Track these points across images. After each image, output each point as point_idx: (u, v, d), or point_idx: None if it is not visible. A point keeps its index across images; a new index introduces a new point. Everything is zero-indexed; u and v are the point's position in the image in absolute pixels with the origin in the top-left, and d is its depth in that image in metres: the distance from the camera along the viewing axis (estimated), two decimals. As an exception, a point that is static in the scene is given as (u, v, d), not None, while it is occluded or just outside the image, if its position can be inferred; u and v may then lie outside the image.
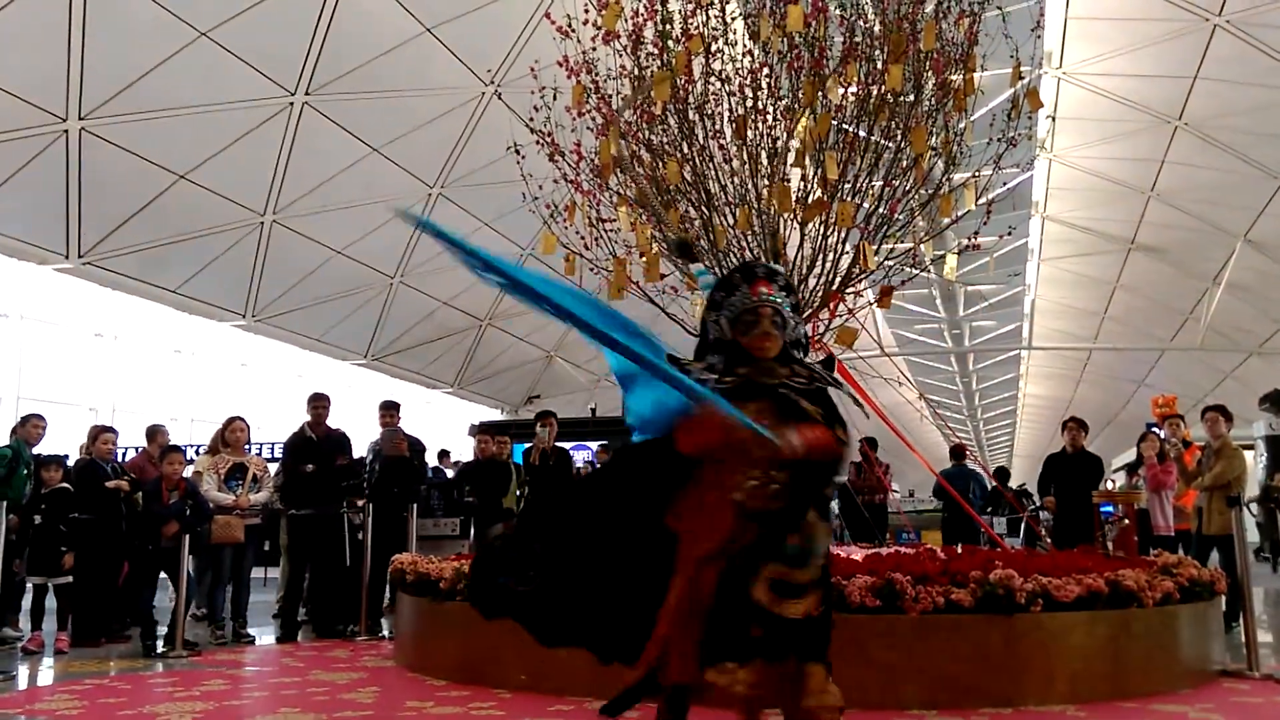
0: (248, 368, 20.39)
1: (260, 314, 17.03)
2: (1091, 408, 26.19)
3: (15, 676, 6.48)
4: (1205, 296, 19.24)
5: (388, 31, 12.57)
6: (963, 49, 7.20)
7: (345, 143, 14.14)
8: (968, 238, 7.73)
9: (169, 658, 7.10)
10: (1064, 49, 14.88)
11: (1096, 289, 22.23)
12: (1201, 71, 13.80)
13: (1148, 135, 15.73)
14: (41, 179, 12.34)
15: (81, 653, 7.53)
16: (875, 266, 7.34)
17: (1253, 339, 20.10)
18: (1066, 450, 9.66)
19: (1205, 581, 5.92)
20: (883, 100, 7.00)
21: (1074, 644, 5.15)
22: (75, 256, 13.60)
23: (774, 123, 7.12)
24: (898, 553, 6.40)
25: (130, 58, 11.55)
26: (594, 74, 7.44)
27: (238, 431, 8.65)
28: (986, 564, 5.34)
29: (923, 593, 5.03)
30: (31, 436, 8.38)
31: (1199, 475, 8.28)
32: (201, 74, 12.03)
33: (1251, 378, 20.42)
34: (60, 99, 11.57)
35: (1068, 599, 5.10)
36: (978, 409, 42.03)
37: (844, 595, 5.03)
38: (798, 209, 7.10)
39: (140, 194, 13.44)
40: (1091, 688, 5.06)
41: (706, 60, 7.18)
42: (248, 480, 8.32)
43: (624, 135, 7.32)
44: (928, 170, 7.26)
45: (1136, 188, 17.39)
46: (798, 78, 7.04)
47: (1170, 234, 18.37)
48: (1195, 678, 5.61)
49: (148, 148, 12.84)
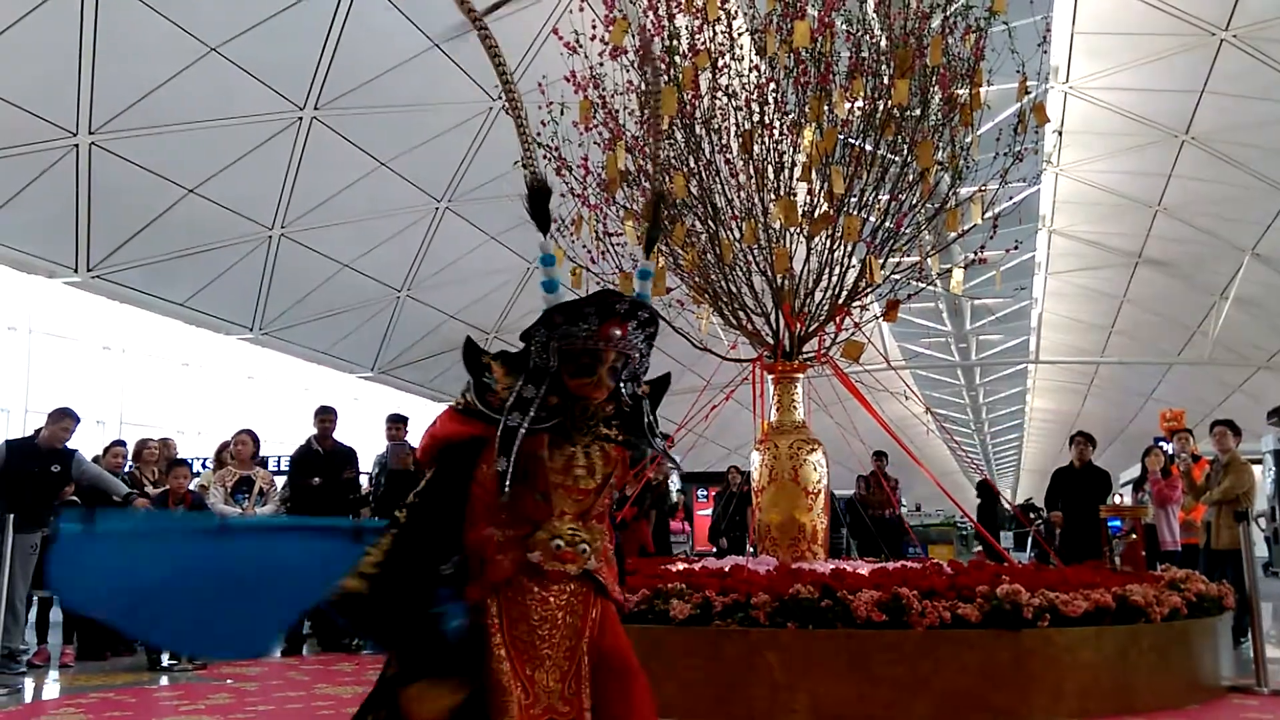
0: (255, 380, 20.43)
1: (268, 327, 17.07)
2: (1099, 422, 26.13)
3: (21, 690, 6.49)
4: (1213, 310, 19.19)
5: (396, 47, 12.63)
6: (969, 64, 7.22)
7: (353, 157, 14.19)
8: (974, 251, 7.72)
9: (174, 671, 7.10)
10: (1070, 64, 14.89)
11: (1104, 303, 22.19)
12: (1208, 86, 13.80)
13: (1155, 150, 15.73)
14: (51, 193, 12.40)
15: (86, 666, 7.54)
16: (881, 280, 7.35)
17: (1261, 353, 20.04)
18: (1074, 465, 9.63)
19: (1213, 596, 5.91)
20: (889, 115, 7.02)
21: (1082, 659, 5.13)
22: (84, 270, 13.65)
23: (780, 137, 7.15)
24: (904, 567, 6.38)
25: (140, 72, 11.61)
26: (601, 89, 7.48)
27: (244, 445, 8.66)
28: (994, 579, 5.33)
29: (929, 607, 5.02)
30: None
31: (1207, 490, 8.25)
32: (211, 89, 12.09)
33: (1260, 392, 20.35)
34: (70, 113, 11.63)
35: (1075, 614, 5.08)
36: (985, 423, 41.93)
37: (850, 610, 5.02)
38: (804, 223, 7.12)
39: (149, 208, 13.49)
40: (1099, 703, 5.04)
41: (713, 75, 7.22)
42: (254, 493, 8.34)
43: (630, 150, 7.35)
44: (934, 184, 7.27)
45: (1144, 202, 17.38)
46: (804, 93, 7.07)
47: (1178, 248, 18.34)
48: (1203, 693, 5.59)
49: (157, 162, 12.89)
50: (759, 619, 5.08)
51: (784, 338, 7.48)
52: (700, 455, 22.80)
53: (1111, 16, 13.67)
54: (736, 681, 5.03)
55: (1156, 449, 10.18)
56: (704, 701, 4.91)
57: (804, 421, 7.39)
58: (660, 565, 6.92)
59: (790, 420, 7.31)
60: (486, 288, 18.67)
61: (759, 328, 7.60)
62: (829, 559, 7.01)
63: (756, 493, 7.26)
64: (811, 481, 7.01)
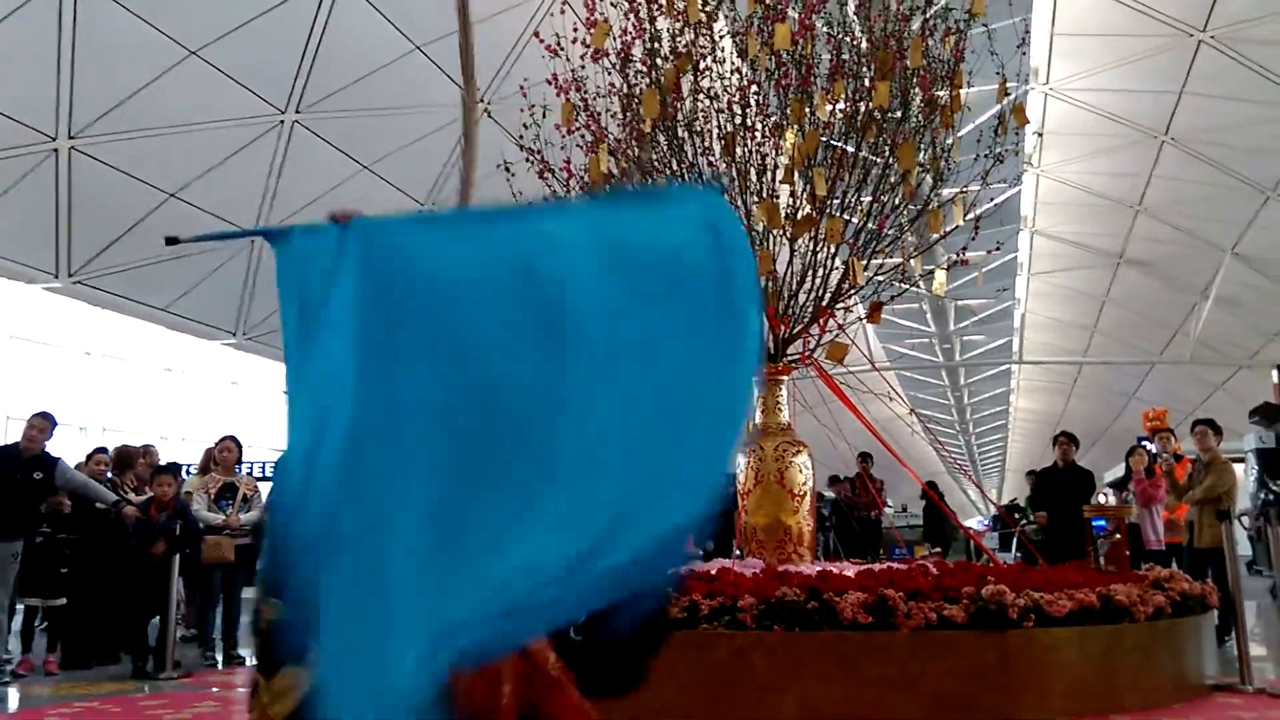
0: (238, 386, 20.32)
1: (251, 332, 17.00)
2: (1082, 421, 26.25)
3: (5, 700, 6.43)
4: (1194, 310, 19.33)
5: (377, 49, 12.60)
6: (949, 66, 7.26)
7: (336, 160, 14.15)
8: (956, 253, 7.76)
9: (159, 679, 7.04)
10: (1050, 65, 14.98)
11: (1086, 303, 22.32)
12: (1187, 87, 13.90)
13: (1135, 150, 15.83)
14: (31, 198, 12.33)
15: (71, 675, 7.47)
16: (865, 282, 7.36)
17: (1242, 352, 20.19)
18: (1057, 465, 9.68)
19: (1197, 595, 5.94)
20: (870, 117, 7.05)
21: (1067, 659, 5.15)
22: (65, 275, 13.57)
23: (762, 140, 7.16)
24: (890, 568, 6.39)
25: (120, 76, 11.56)
26: (583, 92, 7.47)
27: (229, 452, 8.61)
28: (979, 580, 5.34)
29: (915, 609, 5.03)
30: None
31: (1190, 489, 8.30)
32: (191, 92, 12.04)
33: (1241, 390, 20.48)
34: (50, 118, 11.57)
35: (1060, 614, 5.10)
36: (969, 423, 42.07)
37: (836, 612, 5.02)
38: (787, 225, 7.13)
39: (130, 213, 13.42)
40: (1085, 702, 5.05)
41: (695, 78, 7.22)
42: (238, 500, 8.29)
43: (613, 153, 7.35)
44: (916, 186, 7.30)
45: (1124, 202, 17.48)
46: (786, 95, 7.09)
47: (1159, 248, 18.46)
48: (1188, 692, 5.61)
49: (138, 166, 12.83)
50: (746, 622, 5.08)
51: (768, 339, 7.49)
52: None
53: (1090, 18, 13.76)
54: (724, 684, 5.03)
55: (1140, 448, 10.24)
56: (692, 704, 4.90)
57: (789, 423, 7.40)
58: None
59: (775, 422, 7.32)
60: (470, 291, 18.61)
61: (743, 330, 7.58)
62: (815, 561, 7.02)
63: (742, 495, 7.27)
64: (797, 484, 7.02)
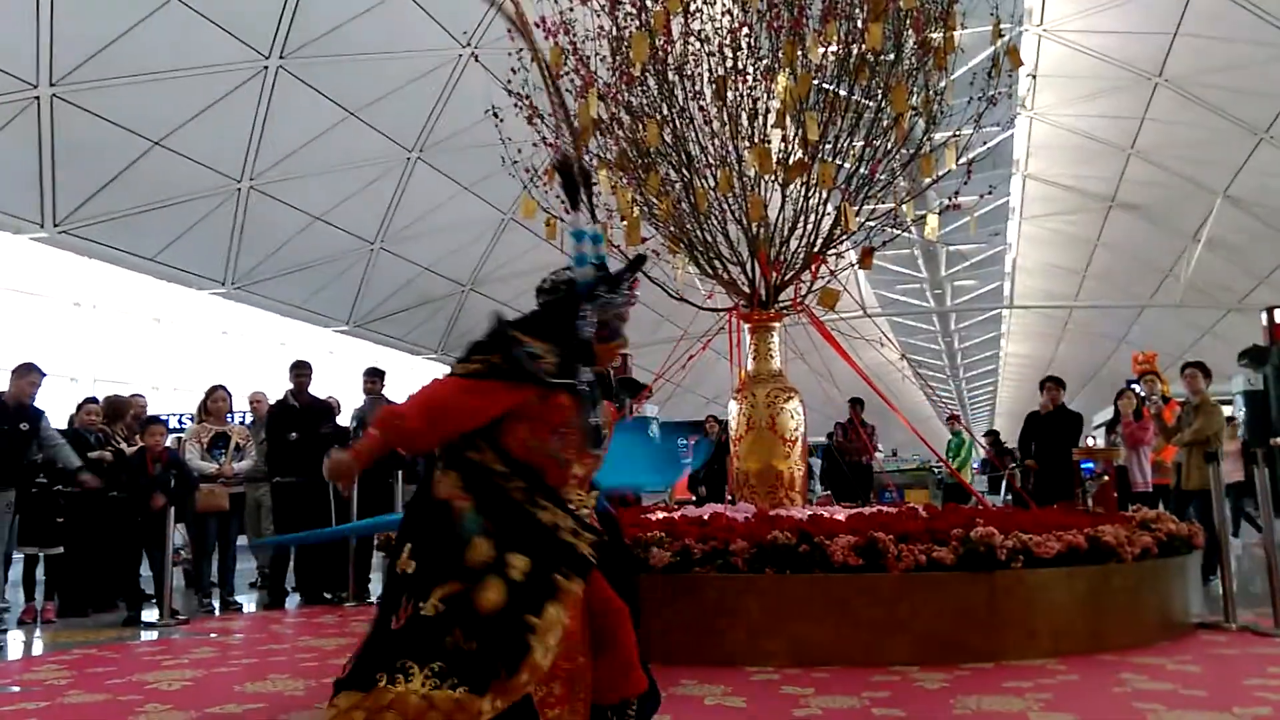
0: (229, 336, 20.26)
1: (240, 281, 16.91)
2: (1073, 365, 26.40)
3: (4, 647, 6.48)
4: (1185, 253, 19.34)
5: (362, -7, 12.41)
6: (943, 6, 7.15)
7: (321, 107, 13.98)
8: (949, 197, 7.72)
9: (157, 627, 7.10)
10: (1044, 6, 14.83)
11: (1077, 247, 22.31)
12: (1181, 28, 13.77)
13: (1128, 92, 15.72)
14: (13, 147, 12.16)
15: (69, 623, 7.53)
16: (857, 227, 7.33)
17: (1232, 295, 20.23)
18: (1040, 411, 9.72)
19: (1183, 536, 6.00)
20: (863, 59, 6.96)
21: (1054, 599, 5.22)
22: (50, 225, 13.44)
23: (754, 83, 7.08)
24: (880, 512, 6.45)
25: (101, 23, 11.35)
26: (572, 35, 7.37)
27: (222, 401, 8.62)
28: (968, 522, 5.40)
29: (905, 551, 5.08)
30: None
31: (1179, 431, 8.37)
32: (173, 38, 11.84)
33: (1230, 334, 20.56)
34: (30, 66, 11.37)
35: (1048, 555, 5.16)
36: (960, 368, 42.26)
37: (828, 554, 5.08)
38: (779, 170, 7.08)
39: (115, 161, 13.27)
40: (1072, 642, 5.13)
41: (685, 20, 7.12)
42: (230, 449, 8.31)
43: (603, 97, 7.26)
44: (908, 130, 7.24)
45: (1117, 145, 17.40)
46: (777, 37, 7.00)
47: (1150, 191, 18.42)
48: (1173, 630, 5.70)
49: (121, 114, 12.66)
50: (738, 565, 5.13)
51: (760, 286, 7.47)
52: (678, 405, 22.88)
53: (1085, -42, 13.60)
54: (716, 626, 5.09)
55: (1129, 391, 10.29)
56: (684, 646, 4.96)
57: (781, 370, 7.41)
58: (640, 514, 6.96)
59: (767, 369, 7.34)
60: (461, 240, 18.53)
61: (735, 277, 7.58)
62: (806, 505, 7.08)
63: (734, 441, 7.30)
64: (789, 429, 7.05)
